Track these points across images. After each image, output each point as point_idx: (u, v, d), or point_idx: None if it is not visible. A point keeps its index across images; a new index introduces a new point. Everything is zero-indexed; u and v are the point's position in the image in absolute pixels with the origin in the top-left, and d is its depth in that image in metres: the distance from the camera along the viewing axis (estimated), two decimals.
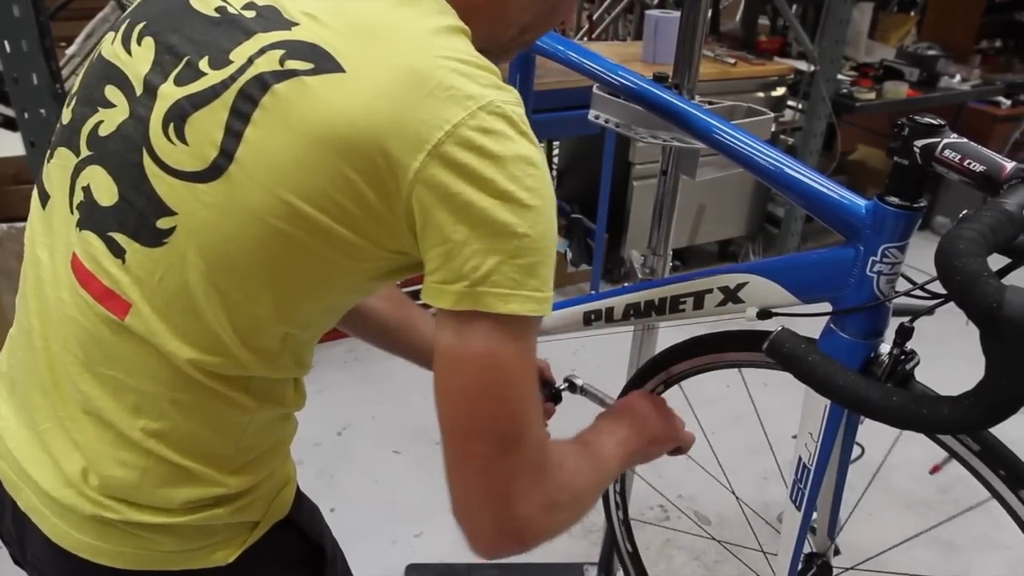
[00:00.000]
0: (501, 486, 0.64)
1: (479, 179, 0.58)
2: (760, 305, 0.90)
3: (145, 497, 0.68)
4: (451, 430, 0.63)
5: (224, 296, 0.63)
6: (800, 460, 0.96)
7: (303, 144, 0.58)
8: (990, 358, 0.58)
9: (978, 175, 0.69)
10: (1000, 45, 4.04)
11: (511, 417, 0.63)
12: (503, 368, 0.61)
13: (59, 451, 0.69)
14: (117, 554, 0.70)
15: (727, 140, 0.92)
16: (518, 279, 0.60)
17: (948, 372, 1.37)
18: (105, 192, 0.64)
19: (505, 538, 0.66)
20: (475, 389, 0.62)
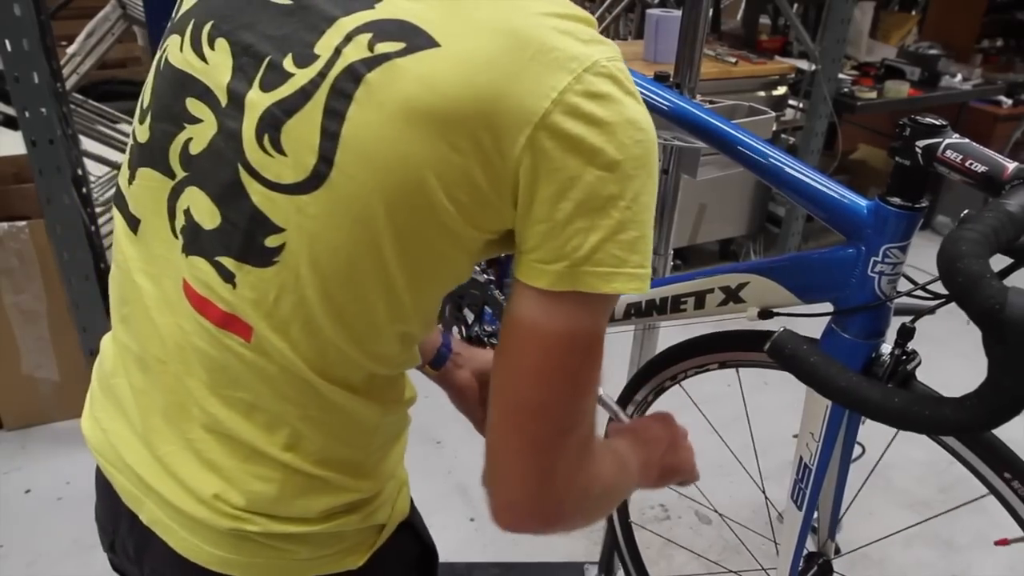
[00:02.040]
0: (550, 463, 0.62)
1: (588, 150, 0.55)
2: (761, 305, 0.90)
3: (284, 509, 0.67)
4: (512, 406, 0.61)
5: (341, 308, 0.60)
6: (801, 460, 0.96)
7: (402, 134, 0.54)
8: (992, 359, 0.58)
9: (980, 176, 0.69)
10: (1001, 44, 4.04)
11: (578, 400, 0.62)
12: (584, 350, 0.60)
13: (187, 473, 0.67)
14: (250, 565, 0.69)
15: (728, 139, 0.91)
16: (621, 256, 0.57)
17: (949, 372, 1.37)
18: (207, 215, 0.61)
19: (535, 514, 0.64)
20: (550, 369, 0.59)
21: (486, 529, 2.05)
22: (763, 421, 2.08)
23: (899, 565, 1.95)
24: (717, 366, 1.12)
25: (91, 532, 0.81)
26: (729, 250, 3.60)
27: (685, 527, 2.07)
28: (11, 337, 2.17)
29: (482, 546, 2.00)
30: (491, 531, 2.21)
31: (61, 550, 1.88)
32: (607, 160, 0.55)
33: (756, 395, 2.08)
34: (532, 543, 2.01)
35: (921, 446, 0.89)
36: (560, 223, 0.56)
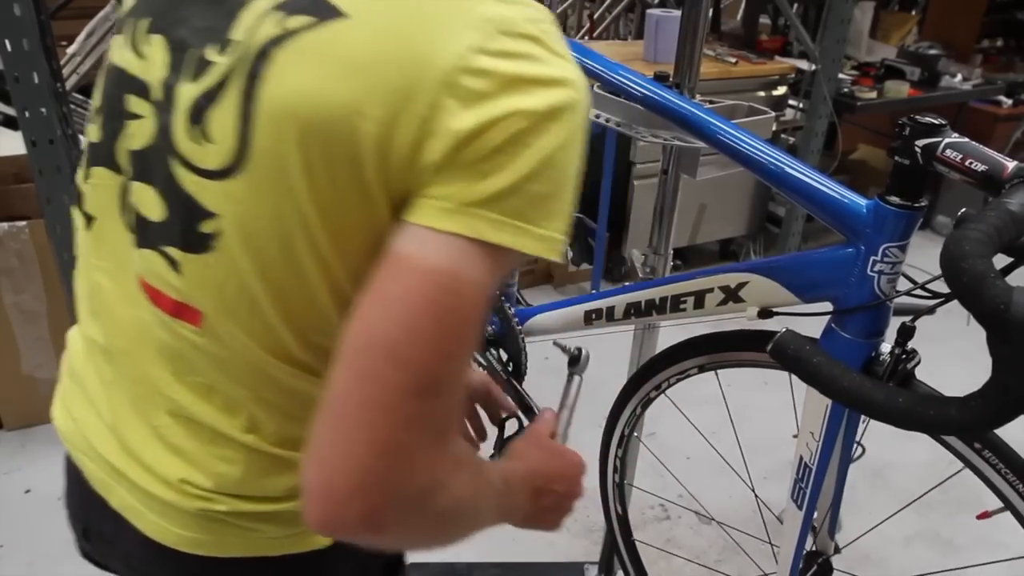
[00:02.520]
0: (394, 432, 0.53)
1: (501, 104, 0.53)
2: (761, 304, 0.90)
3: (250, 489, 0.68)
4: (365, 343, 0.53)
5: (281, 288, 0.60)
6: (801, 459, 0.96)
7: (312, 107, 0.54)
8: (997, 359, 0.58)
9: (980, 175, 0.69)
10: (1001, 44, 4.04)
11: (443, 354, 0.54)
12: (460, 295, 0.53)
13: (154, 458, 0.68)
14: (219, 544, 0.69)
15: (728, 139, 0.92)
16: (521, 209, 0.54)
17: (948, 371, 1.37)
18: (154, 208, 0.62)
19: (360, 499, 0.53)
20: (418, 302, 0.53)
21: (486, 529, 2.05)
22: (763, 421, 2.08)
23: (899, 565, 1.94)
24: (697, 371, 1.13)
25: None
26: (729, 250, 3.60)
27: (685, 527, 2.07)
28: (11, 337, 2.17)
29: (482, 546, 2.00)
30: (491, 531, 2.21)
31: (61, 550, 1.87)
32: (520, 111, 0.53)
33: (756, 395, 2.08)
34: (532, 543, 2.01)
35: (921, 446, 0.89)
36: (460, 165, 0.53)
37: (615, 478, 1.39)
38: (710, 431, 1.56)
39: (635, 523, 1.48)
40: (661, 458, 2.22)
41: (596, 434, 1.35)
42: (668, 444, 2.31)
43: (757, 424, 2.05)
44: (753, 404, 2.21)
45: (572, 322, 1.19)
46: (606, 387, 1.42)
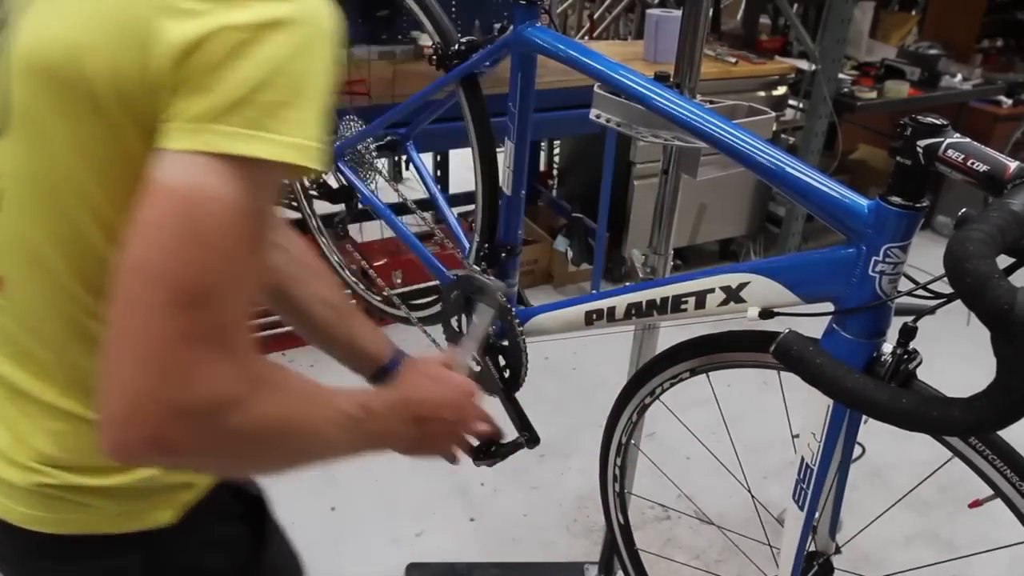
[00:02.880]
0: (161, 350, 0.53)
1: (205, 23, 0.53)
2: (762, 305, 0.89)
3: (77, 459, 0.68)
4: (125, 270, 0.54)
5: (64, 244, 0.60)
6: (803, 460, 0.96)
7: (44, 56, 0.56)
8: (1001, 360, 0.58)
9: (982, 175, 0.69)
10: (1001, 44, 4.04)
11: (201, 268, 0.53)
12: (206, 209, 0.53)
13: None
14: (62, 521, 0.69)
15: (728, 139, 0.91)
16: (257, 118, 0.54)
17: (948, 372, 1.37)
18: None
19: (140, 423, 0.53)
20: (164, 222, 0.53)
21: (486, 529, 2.05)
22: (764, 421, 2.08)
23: (899, 565, 1.94)
24: (689, 374, 1.13)
25: None
26: (729, 250, 3.60)
27: (685, 527, 2.07)
28: None
29: (482, 546, 2.00)
30: (491, 531, 2.23)
31: None
32: (232, 25, 0.53)
33: (757, 395, 2.08)
34: (533, 543, 2.01)
35: (922, 446, 0.89)
36: (185, 83, 0.53)
37: (615, 487, 1.39)
38: (710, 431, 1.56)
39: (635, 523, 1.48)
40: (661, 458, 2.22)
41: (596, 433, 1.35)
42: (668, 444, 2.31)
43: (757, 424, 2.05)
44: (753, 404, 2.21)
45: (572, 322, 1.19)
46: (606, 387, 1.42)
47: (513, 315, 1.29)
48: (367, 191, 1.66)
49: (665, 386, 1.18)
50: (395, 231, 1.59)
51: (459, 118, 1.33)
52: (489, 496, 2.16)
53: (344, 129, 1.69)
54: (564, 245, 3.16)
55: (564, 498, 2.17)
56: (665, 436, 2.34)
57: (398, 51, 2.89)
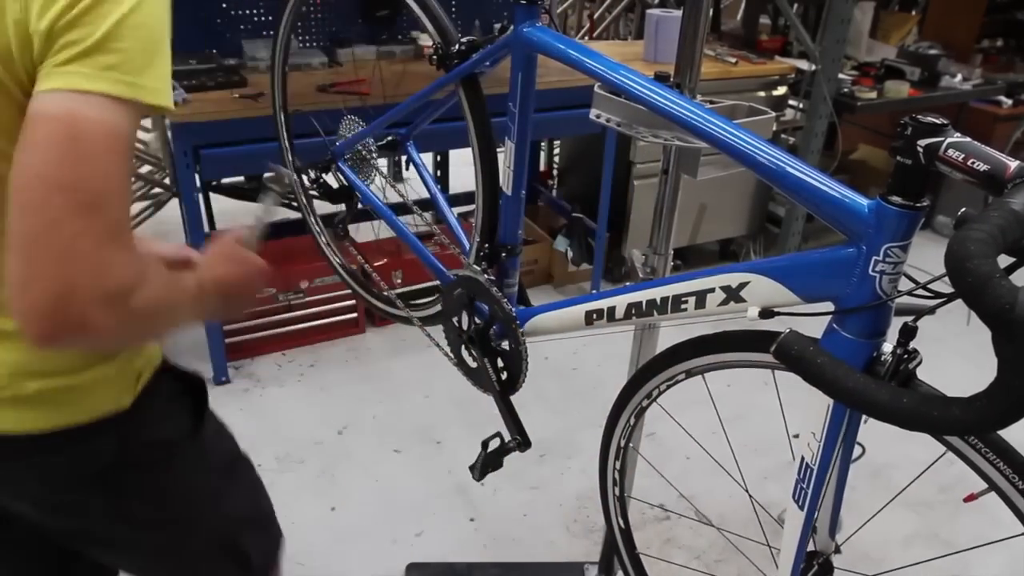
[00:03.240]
0: (74, 246, 0.66)
1: None
2: (762, 304, 0.89)
3: (44, 366, 0.82)
4: (23, 184, 0.66)
5: None
6: (803, 459, 0.96)
7: None
8: (1002, 359, 0.58)
9: (982, 174, 0.69)
10: (1001, 44, 4.04)
11: (93, 179, 0.67)
12: (86, 127, 0.67)
13: None
14: (45, 418, 0.83)
15: (728, 139, 0.91)
16: (112, 64, 0.68)
17: (948, 371, 1.37)
18: None
19: (65, 311, 0.66)
20: (52, 140, 0.66)
21: (486, 529, 2.05)
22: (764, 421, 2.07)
23: (899, 564, 1.94)
24: (684, 375, 1.13)
25: None
26: (729, 250, 3.60)
27: (685, 527, 2.07)
28: None
29: (482, 546, 2.00)
30: (491, 531, 2.22)
31: None
32: None
33: (757, 395, 2.08)
34: (533, 543, 2.01)
35: (922, 446, 0.89)
36: (54, 40, 0.67)
37: (615, 491, 1.39)
38: (710, 431, 1.56)
39: (635, 524, 1.48)
40: (661, 459, 2.22)
41: (596, 434, 1.35)
42: (668, 445, 2.32)
43: (758, 424, 2.05)
44: (754, 404, 2.21)
45: (572, 322, 1.19)
46: (606, 387, 1.42)
47: (514, 321, 1.29)
48: (367, 191, 1.67)
49: (662, 388, 1.19)
50: (395, 231, 1.59)
51: (459, 118, 1.33)
52: (489, 496, 2.16)
53: (344, 129, 1.69)
54: (564, 245, 3.16)
55: (564, 498, 2.17)
56: (665, 436, 2.34)
57: (398, 51, 2.89)
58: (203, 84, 2.32)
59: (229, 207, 3.11)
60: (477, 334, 1.36)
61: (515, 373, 1.35)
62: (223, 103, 2.26)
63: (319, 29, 2.86)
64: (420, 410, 2.48)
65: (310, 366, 2.72)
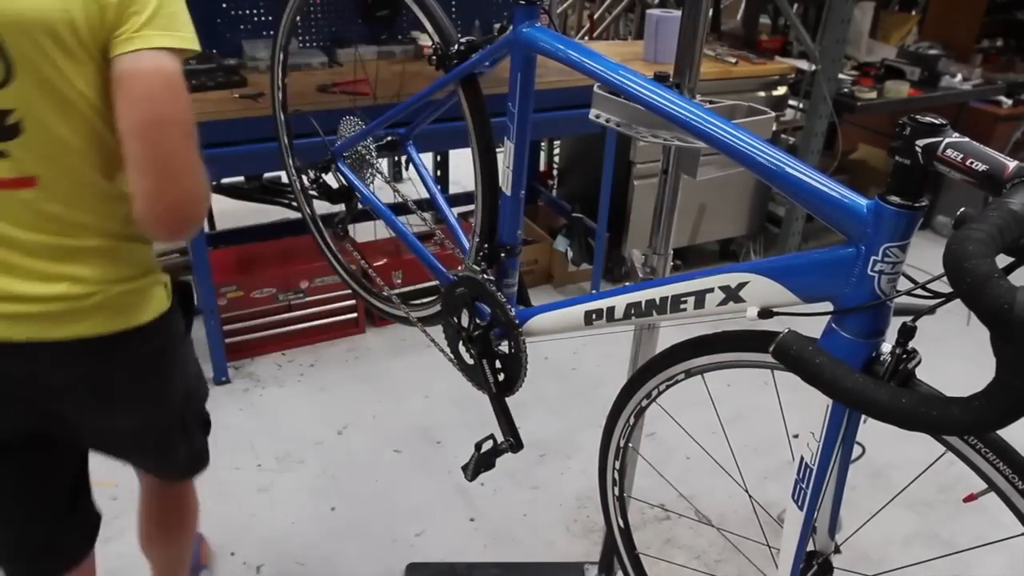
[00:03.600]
0: (187, 165, 0.95)
1: None
2: (761, 304, 0.89)
3: (116, 274, 1.04)
4: (142, 123, 0.91)
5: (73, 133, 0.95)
6: (802, 459, 0.96)
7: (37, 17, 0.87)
8: (1001, 359, 0.58)
9: (981, 174, 0.69)
10: (1001, 44, 4.04)
11: (186, 112, 0.94)
12: (170, 76, 0.93)
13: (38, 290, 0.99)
14: (112, 322, 1.05)
15: (728, 139, 0.91)
16: (164, 25, 0.93)
17: (947, 371, 1.37)
18: None
19: (187, 211, 0.97)
20: (159, 86, 0.92)
21: (486, 529, 2.05)
22: (764, 421, 2.08)
23: (899, 564, 1.94)
24: (684, 375, 1.13)
25: None
26: (729, 250, 3.60)
27: (685, 527, 2.07)
28: None
29: (482, 546, 2.00)
30: (491, 531, 2.22)
31: None
32: None
33: (757, 395, 2.08)
34: (533, 543, 2.01)
35: (922, 446, 0.89)
36: (122, 14, 0.91)
37: (615, 491, 1.39)
38: (710, 431, 1.56)
39: (634, 524, 1.48)
40: (661, 459, 2.22)
41: (596, 433, 1.35)
42: (668, 444, 2.32)
43: (758, 424, 2.05)
44: (754, 404, 2.21)
45: (572, 322, 1.19)
46: (606, 387, 1.42)
47: (514, 324, 1.29)
48: (367, 191, 1.67)
49: (662, 388, 1.19)
50: (395, 231, 1.59)
51: (459, 118, 1.33)
52: (489, 496, 2.16)
53: (344, 129, 1.69)
54: (564, 245, 3.16)
55: (564, 498, 2.17)
56: (665, 436, 2.34)
57: (398, 51, 2.89)
58: (203, 84, 2.32)
59: (229, 207, 3.11)
60: (476, 335, 1.36)
61: (513, 376, 1.35)
62: (223, 103, 2.26)
63: (319, 29, 2.86)
64: (420, 410, 2.48)
65: (310, 366, 2.72)
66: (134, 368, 1.11)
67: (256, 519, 2.05)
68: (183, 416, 1.28)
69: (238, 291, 2.63)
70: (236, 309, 2.65)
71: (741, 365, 1.04)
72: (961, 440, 0.84)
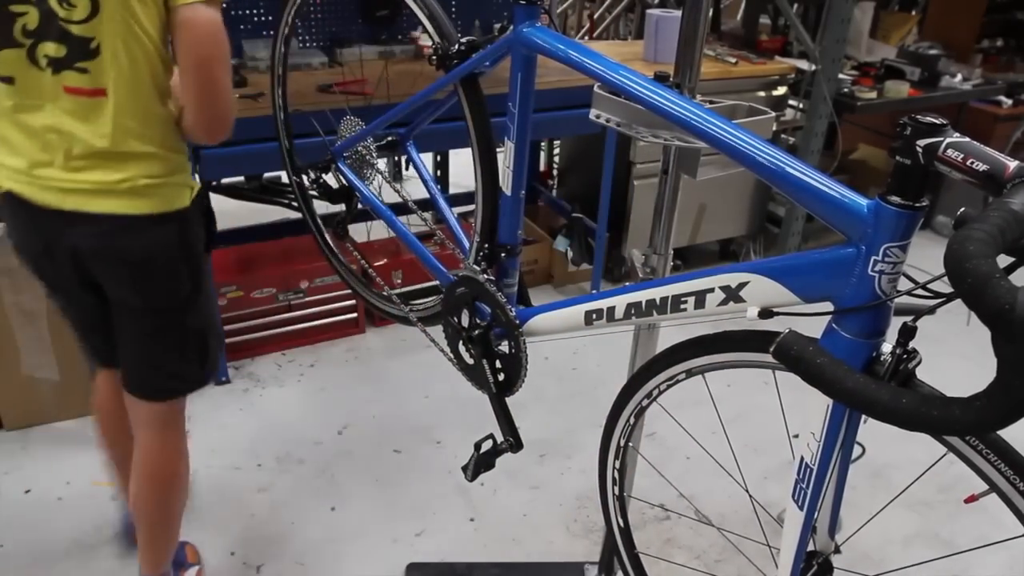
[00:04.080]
0: (228, 93, 1.27)
1: None
2: (761, 304, 0.89)
3: (159, 172, 1.32)
4: (201, 61, 1.22)
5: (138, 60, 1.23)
6: (802, 459, 0.96)
7: None
8: (1002, 359, 0.58)
9: (981, 174, 0.69)
10: (1001, 44, 4.04)
11: (228, 50, 1.24)
12: (217, 22, 1.21)
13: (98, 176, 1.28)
14: (150, 204, 1.32)
15: (728, 139, 0.91)
16: None
17: (947, 371, 1.37)
18: (58, 50, 1.20)
19: (228, 124, 1.30)
20: (212, 32, 1.20)
21: (486, 529, 2.05)
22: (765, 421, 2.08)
23: (899, 565, 1.94)
24: (685, 375, 1.13)
25: (91, 532, 0.81)
26: (729, 250, 3.60)
27: (685, 527, 2.07)
28: (11, 337, 2.17)
29: (482, 546, 2.00)
30: (491, 531, 2.22)
31: (61, 550, 1.88)
32: None
33: (758, 395, 2.08)
34: (532, 543, 2.01)
35: (922, 446, 0.89)
36: None
37: (615, 490, 1.39)
38: (710, 431, 1.56)
39: (634, 524, 1.48)
40: (661, 458, 2.22)
41: (596, 433, 1.35)
42: (668, 444, 2.32)
43: (758, 424, 2.05)
44: (754, 404, 2.21)
45: (572, 322, 1.19)
46: (606, 387, 1.42)
47: (515, 325, 1.29)
48: (367, 191, 1.67)
49: (662, 388, 1.19)
50: (395, 231, 1.59)
51: (459, 118, 1.33)
52: (489, 496, 2.16)
53: (344, 129, 1.69)
54: (564, 245, 3.16)
55: (564, 498, 2.17)
56: (665, 436, 2.34)
57: (398, 51, 2.89)
58: None
59: (230, 207, 3.10)
60: (476, 335, 1.36)
61: (513, 376, 1.35)
62: None
63: (319, 29, 2.86)
64: (420, 410, 2.48)
65: (310, 366, 2.72)
66: (149, 249, 1.35)
67: (256, 519, 2.05)
68: (183, 323, 1.46)
69: (238, 291, 2.63)
70: (236, 309, 2.65)
71: (742, 365, 1.04)
72: (962, 440, 0.84)
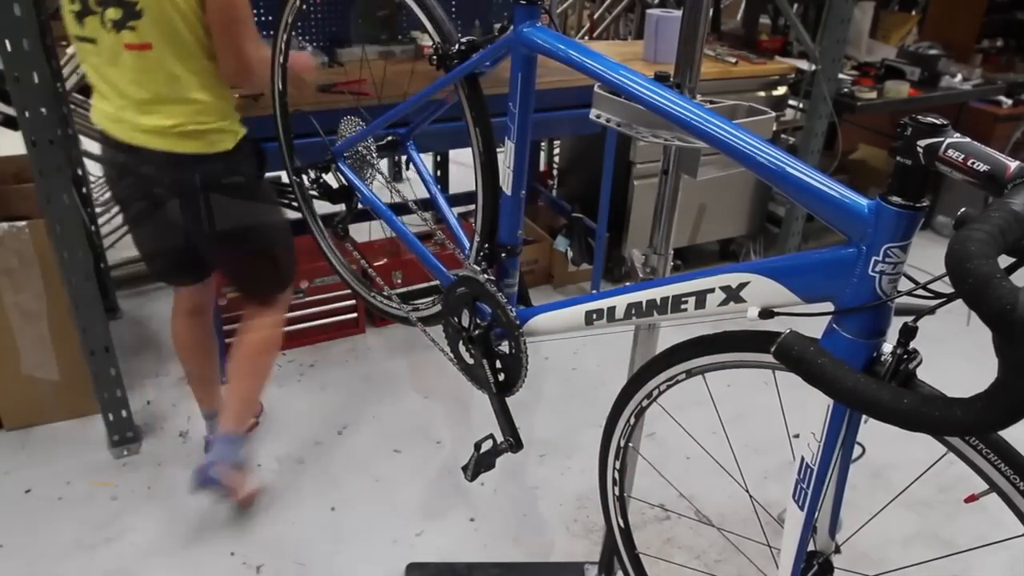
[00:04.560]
0: (255, 42, 1.61)
1: None
2: (762, 304, 0.89)
3: (200, 118, 1.66)
4: (229, 22, 1.56)
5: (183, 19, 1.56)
6: (803, 459, 0.96)
7: None
8: (1003, 360, 0.58)
9: (982, 175, 0.69)
10: (1001, 44, 4.04)
11: (250, 11, 1.59)
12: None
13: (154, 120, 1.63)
14: (195, 146, 1.67)
15: (728, 139, 0.91)
16: None
17: (948, 371, 1.37)
18: (117, 13, 1.53)
19: (260, 71, 1.67)
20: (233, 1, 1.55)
21: (486, 529, 2.05)
22: (765, 421, 2.08)
23: (899, 565, 1.94)
24: (685, 375, 1.13)
25: (91, 532, 0.81)
26: (729, 250, 3.60)
27: (685, 527, 2.07)
28: (11, 337, 2.17)
29: (482, 546, 2.00)
30: (491, 531, 2.21)
31: (61, 550, 1.88)
32: None
33: (758, 395, 2.08)
34: (533, 543, 2.01)
35: (922, 446, 0.89)
36: None
37: (615, 490, 1.39)
38: (710, 431, 1.56)
39: (635, 523, 1.48)
40: (662, 458, 2.22)
41: (596, 433, 1.35)
42: (668, 444, 2.32)
43: (759, 424, 2.05)
44: (755, 404, 2.21)
45: (572, 322, 1.19)
46: (606, 387, 1.42)
47: (515, 325, 1.29)
48: (367, 191, 1.66)
49: (663, 388, 1.19)
50: (395, 231, 1.59)
51: (459, 118, 1.33)
52: (489, 496, 2.16)
53: (344, 129, 1.69)
54: (564, 245, 3.16)
55: (564, 498, 2.17)
56: (665, 436, 2.34)
57: (398, 51, 2.89)
58: None
59: None
60: (477, 335, 1.36)
61: (513, 376, 1.35)
62: None
63: (319, 29, 2.86)
64: (420, 410, 2.48)
65: (310, 366, 2.72)
66: (201, 181, 1.67)
67: (256, 519, 2.05)
68: (245, 242, 1.82)
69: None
70: (237, 309, 2.65)
71: (742, 365, 1.04)
72: (962, 440, 0.84)
